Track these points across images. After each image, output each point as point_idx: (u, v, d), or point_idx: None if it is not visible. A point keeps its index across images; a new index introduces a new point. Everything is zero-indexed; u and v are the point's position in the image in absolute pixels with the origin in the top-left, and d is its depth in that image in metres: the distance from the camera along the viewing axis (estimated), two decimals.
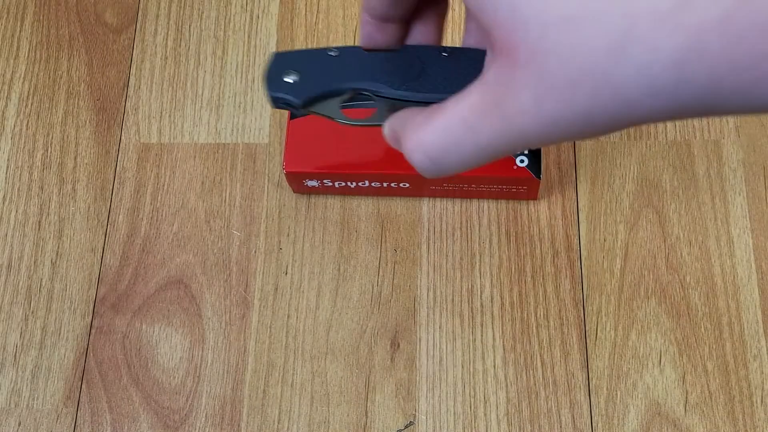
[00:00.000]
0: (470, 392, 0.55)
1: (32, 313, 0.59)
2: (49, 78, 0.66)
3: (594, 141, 0.60)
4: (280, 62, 0.36)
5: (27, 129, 0.64)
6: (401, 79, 0.35)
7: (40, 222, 0.61)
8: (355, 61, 0.35)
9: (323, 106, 0.36)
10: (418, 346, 0.56)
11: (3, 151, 0.64)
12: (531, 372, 0.55)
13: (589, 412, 0.54)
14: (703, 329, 0.55)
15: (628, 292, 0.57)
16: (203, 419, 0.56)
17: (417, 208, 0.60)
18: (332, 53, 0.36)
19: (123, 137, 0.64)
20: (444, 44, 0.37)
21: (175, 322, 0.58)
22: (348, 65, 0.35)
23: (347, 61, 0.36)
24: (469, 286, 0.57)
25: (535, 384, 0.55)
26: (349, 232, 0.59)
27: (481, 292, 0.57)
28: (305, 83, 0.36)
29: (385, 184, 0.58)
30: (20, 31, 0.68)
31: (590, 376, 0.55)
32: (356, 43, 0.61)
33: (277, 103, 0.37)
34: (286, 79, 0.36)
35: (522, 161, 0.55)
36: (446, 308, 0.57)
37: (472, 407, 0.55)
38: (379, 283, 0.58)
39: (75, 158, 0.63)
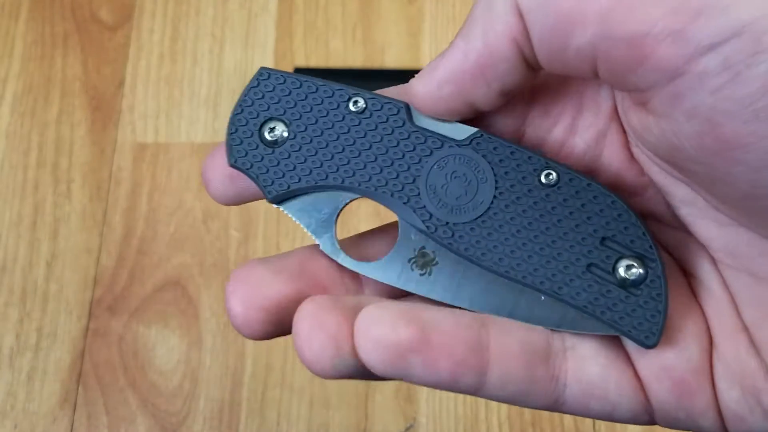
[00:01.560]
0: None
1: (27, 315, 0.58)
2: (44, 76, 0.65)
3: None
4: (266, 91, 0.22)
5: (21, 128, 0.63)
6: (452, 209, 0.21)
7: (35, 222, 0.61)
8: (389, 137, 0.21)
9: (305, 205, 0.22)
10: None
11: None
12: None
13: None
14: None
15: None
16: (201, 422, 0.55)
17: None
18: (356, 104, 0.21)
19: (119, 136, 0.63)
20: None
21: (172, 324, 0.57)
22: (375, 142, 0.21)
23: (377, 133, 0.21)
24: None
25: None
26: (349, 232, 0.58)
27: None
28: (292, 155, 0.21)
29: None
30: (15, 29, 0.67)
31: None
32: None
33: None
34: (266, 133, 0.21)
35: None
36: None
37: (473, 410, 0.54)
38: None
39: (70, 158, 0.62)
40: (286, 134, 0.21)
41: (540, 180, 0.21)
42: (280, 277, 0.20)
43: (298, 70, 0.62)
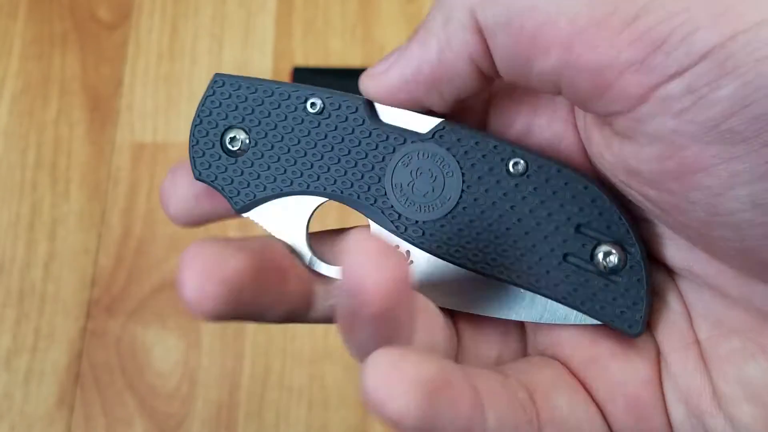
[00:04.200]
0: None
1: (25, 315, 0.58)
2: (42, 76, 0.65)
3: None
4: (223, 99, 0.21)
5: (19, 128, 0.63)
6: (420, 207, 0.20)
7: (32, 223, 0.60)
8: (350, 137, 0.20)
9: (274, 212, 0.21)
10: None
11: None
12: None
13: None
14: None
15: None
16: (199, 424, 0.55)
17: None
18: (313, 105, 0.20)
19: (117, 136, 0.63)
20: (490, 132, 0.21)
21: (170, 325, 0.57)
22: (336, 143, 0.20)
23: (337, 134, 0.20)
24: None
25: None
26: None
27: None
28: (255, 164, 0.21)
29: None
30: (13, 28, 0.66)
31: None
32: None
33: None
34: (227, 143, 0.21)
35: None
36: None
37: None
38: None
39: (68, 157, 0.62)
40: (247, 142, 0.21)
41: (508, 170, 0.20)
42: (241, 254, 0.19)
43: (298, 70, 0.61)
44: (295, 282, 0.20)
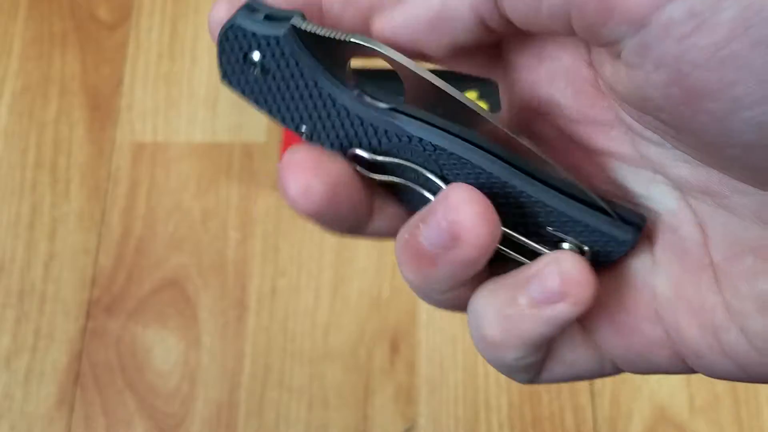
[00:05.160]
0: (471, 396, 0.54)
1: (25, 315, 0.58)
2: (42, 75, 0.65)
3: None
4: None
5: (19, 127, 0.63)
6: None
7: (32, 222, 0.60)
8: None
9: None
10: (418, 349, 0.55)
11: None
12: None
13: (592, 416, 0.53)
14: None
15: None
16: (199, 424, 0.55)
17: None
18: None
19: (117, 136, 0.63)
20: None
21: (170, 325, 0.57)
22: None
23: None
24: None
25: (538, 387, 0.54)
26: None
27: None
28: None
29: None
30: (13, 28, 0.66)
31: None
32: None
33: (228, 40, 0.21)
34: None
35: None
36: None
37: (473, 411, 0.54)
38: (379, 285, 0.57)
39: (68, 157, 0.62)
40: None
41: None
42: (337, 159, 0.21)
43: None
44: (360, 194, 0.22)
